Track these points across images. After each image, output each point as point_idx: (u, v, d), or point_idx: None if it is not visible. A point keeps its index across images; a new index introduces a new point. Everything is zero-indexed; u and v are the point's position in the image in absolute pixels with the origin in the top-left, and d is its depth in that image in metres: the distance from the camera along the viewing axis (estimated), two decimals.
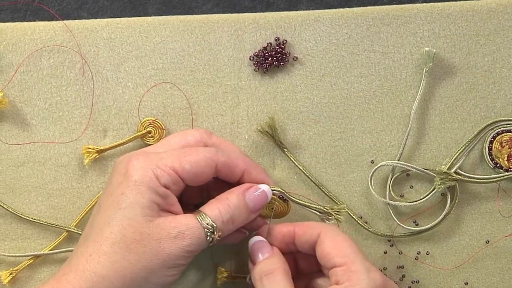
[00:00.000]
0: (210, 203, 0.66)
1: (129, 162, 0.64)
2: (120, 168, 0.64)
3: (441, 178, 0.73)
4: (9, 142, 0.76)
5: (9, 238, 0.76)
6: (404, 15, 0.75)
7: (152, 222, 0.62)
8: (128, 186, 0.62)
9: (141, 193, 0.62)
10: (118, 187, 0.63)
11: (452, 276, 0.76)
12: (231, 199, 0.66)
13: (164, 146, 0.69)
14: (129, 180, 0.62)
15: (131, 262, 0.60)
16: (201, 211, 0.65)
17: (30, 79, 0.75)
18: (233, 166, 0.67)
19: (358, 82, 0.75)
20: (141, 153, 0.65)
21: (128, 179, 0.63)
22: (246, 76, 0.75)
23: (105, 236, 0.61)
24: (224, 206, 0.65)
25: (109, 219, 0.62)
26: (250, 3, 0.77)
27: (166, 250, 0.61)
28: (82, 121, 0.76)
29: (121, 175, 0.63)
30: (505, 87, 0.74)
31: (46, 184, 0.76)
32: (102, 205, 0.64)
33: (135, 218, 0.61)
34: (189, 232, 0.62)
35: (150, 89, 0.75)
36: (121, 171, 0.64)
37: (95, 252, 0.61)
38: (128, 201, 0.62)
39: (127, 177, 0.63)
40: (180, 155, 0.65)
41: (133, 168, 0.63)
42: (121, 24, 0.75)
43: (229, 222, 0.65)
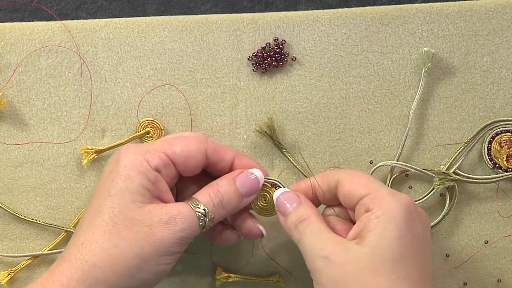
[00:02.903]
0: (201, 190, 0.66)
1: (120, 152, 0.64)
2: (112, 158, 0.64)
3: (440, 178, 0.73)
4: (7, 142, 0.76)
5: (7, 239, 0.76)
6: (403, 15, 0.75)
7: (142, 208, 0.61)
8: (118, 172, 0.62)
9: (130, 178, 0.61)
10: (109, 175, 0.63)
11: (451, 276, 0.76)
12: (221, 184, 0.65)
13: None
14: (119, 166, 0.62)
15: (123, 250, 0.60)
16: (192, 197, 0.64)
17: (29, 79, 0.75)
18: (222, 152, 0.66)
19: (356, 82, 0.75)
20: (133, 144, 0.66)
21: (118, 165, 0.62)
22: (245, 77, 0.75)
23: (97, 225, 0.61)
24: (214, 191, 0.65)
25: (100, 207, 0.61)
26: (249, 3, 0.76)
27: (158, 236, 0.61)
28: (81, 121, 0.75)
29: (113, 163, 0.63)
30: (504, 87, 0.74)
31: (44, 184, 0.76)
32: (94, 194, 0.64)
33: (125, 204, 0.61)
34: (181, 217, 0.62)
35: (149, 89, 0.75)
36: (113, 160, 0.64)
37: (87, 240, 0.60)
38: (118, 187, 0.61)
39: (117, 164, 0.62)
40: (171, 140, 0.65)
41: (124, 155, 0.63)
42: (120, 24, 0.75)
43: (220, 206, 0.64)
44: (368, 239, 0.58)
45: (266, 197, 0.70)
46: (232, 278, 0.76)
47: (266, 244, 0.76)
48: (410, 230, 0.59)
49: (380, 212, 0.59)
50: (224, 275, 0.75)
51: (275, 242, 0.76)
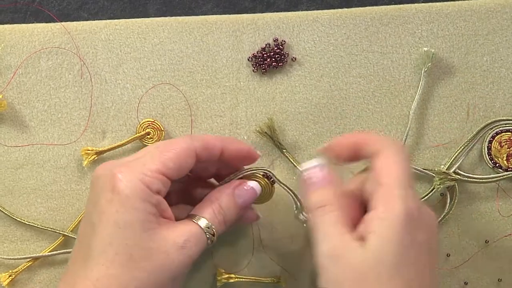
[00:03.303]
0: (202, 206, 0.65)
1: (113, 176, 0.60)
2: (104, 184, 0.61)
3: (440, 178, 0.73)
4: (7, 144, 0.75)
5: (8, 240, 0.76)
6: (403, 15, 0.75)
7: (155, 234, 0.60)
8: (121, 203, 0.59)
9: (136, 208, 0.59)
10: (109, 205, 0.60)
11: (451, 276, 0.76)
12: (221, 199, 0.65)
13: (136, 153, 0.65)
14: (121, 196, 0.60)
15: (142, 281, 0.59)
16: (196, 215, 0.64)
17: (29, 81, 0.75)
18: (210, 147, 0.65)
19: (356, 82, 0.75)
20: (120, 164, 0.62)
21: (120, 195, 0.60)
22: (245, 77, 0.75)
23: (111, 259, 0.58)
24: (217, 207, 0.64)
25: (110, 239, 0.59)
26: (250, 3, 0.77)
27: (175, 262, 0.60)
28: (81, 123, 0.75)
29: (109, 191, 0.60)
30: (504, 86, 0.75)
31: (45, 186, 0.76)
32: (96, 224, 0.60)
33: (138, 235, 0.59)
34: (194, 238, 0.61)
35: (149, 90, 0.75)
36: (107, 187, 0.61)
37: (103, 276, 0.58)
38: (126, 219, 0.59)
39: (117, 193, 0.60)
40: (160, 155, 0.62)
41: (121, 183, 0.60)
42: (120, 25, 0.75)
43: (222, 223, 0.65)
44: (369, 243, 0.57)
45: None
46: (233, 279, 0.76)
47: (266, 244, 0.76)
48: (410, 237, 0.57)
49: (383, 214, 0.58)
50: (225, 276, 0.75)
51: (276, 243, 0.76)
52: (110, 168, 0.61)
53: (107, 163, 0.63)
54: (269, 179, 0.70)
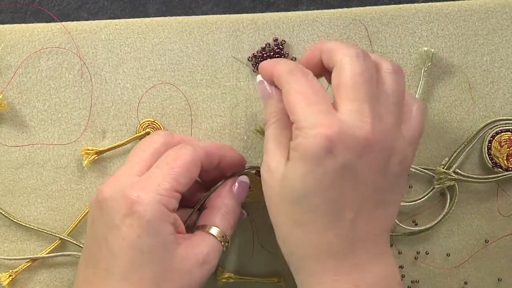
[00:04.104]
0: (211, 214, 0.65)
1: (129, 199, 0.59)
2: (119, 207, 0.59)
3: (440, 177, 0.73)
4: (8, 144, 0.76)
5: (8, 240, 0.76)
6: (402, 15, 0.75)
7: (177, 255, 0.59)
8: (142, 228, 0.58)
9: (158, 232, 0.58)
10: (130, 231, 0.58)
11: (451, 275, 0.76)
12: (228, 202, 0.65)
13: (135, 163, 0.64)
14: (141, 221, 0.58)
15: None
16: (207, 225, 0.64)
17: (29, 81, 0.75)
18: (211, 156, 0.65)
19: None
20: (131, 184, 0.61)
21: (140, 220, 0.58)
22: (245, 77, 0.75)
23: (136, 284, 0.58)
24: (224, 212, 0.64)
25: (133, 265, 0.58)
26: (250, 3, 0.77)
27: (197, 279, 0.60)
28: (81, 123, 0.76)
29: (126, 216, 0.59)
30: (504, 86, 0.75)
31: (45, 185, 0.76)
32: (116, 249, 0.59)
33: (161, 258, 0.59)
34: (213, 252, 0.62)
35: (149, 90, 0.75)
36: (123, 211, 0.59)
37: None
38: (149, 244, 0.58)
39: (137, 218, 0.58)
40: (170, 171, 0.61)
41: (139, 207, 0.58)
42: (120, 25, 0.75)
43: (232, 226, 0.65)
44: (287, 166, 0.58)
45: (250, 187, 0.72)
46: (233, 278, 0.76)
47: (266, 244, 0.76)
48: (320, 165, 0.56)
49: (300, 140, 0.56)
50: (226, 276, 0.75)
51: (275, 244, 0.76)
52: (121, 189, 0.60)
53: (112, 182, 0.62)
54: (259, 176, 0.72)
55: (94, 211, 0.62)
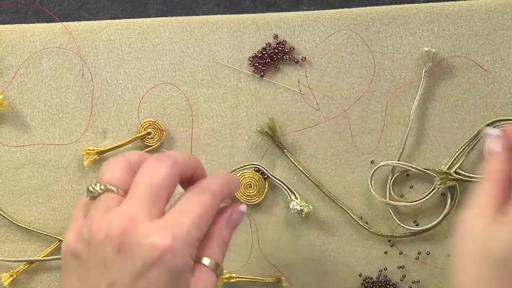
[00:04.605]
0: (209, 246, 0.61)
1: (161, 250, 0.55)
2: (150, 256, 0.55)
3: (441, 178, 0.73)
4: (9, 144, 0.76)
5: (9, 240, 0.76)
6: (403, 15, 0.75)
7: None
8: (171, 279, 0.56)
9: (182, 281, 0.57)
10: (158, 281, 0.56)
11: None
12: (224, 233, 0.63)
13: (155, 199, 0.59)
14: (172, 273, 0.55)
15: None
16: (208, 259, 0.61)
17: (30, 81, 0.75)
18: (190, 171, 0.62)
19: (357, 82, 0.75)
20: (161, 229, 0.56)
21: (171, 272, 0.55)
22: (246, 77, 0.75)
23: None
24: (223, 243, 0.62)
25: None
26: (251, 3, 0.77)
27: None
28: (82, 123, 0.76)
29: (158, 266, 0.55)
30: (505, 86, 0.74)
31: (46, 186, 0.76)
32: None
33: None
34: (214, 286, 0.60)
35: (150, 90, 0.75)
36: (152, 260, 0.55)
37: None
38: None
39: (168, 270, 0.55)
40: (197, 220, 0.57)
41: (173, 259, 0.55)
42: (120, 25, 0.75)
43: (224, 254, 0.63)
44: (496, 228, 0.57)
45: (251, 185, 0.74)
46: (233, 278, 0.76)
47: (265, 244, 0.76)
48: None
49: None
50: (226, 276, 0.75)
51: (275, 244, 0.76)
52: (151, 235, 0.56)
53: (136, 224, 0.57)
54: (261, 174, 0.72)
55: (104, 254, 0.57)
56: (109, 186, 0.58)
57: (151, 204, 0.57)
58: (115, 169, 0.59)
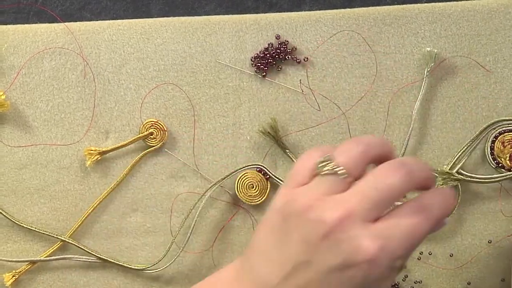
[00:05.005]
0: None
1: (362, 254, 0.54)
2: (349, 254, 0.55)
3: (443, 178, 0.73)
4: (11, 145, 0.76)
5: (11, 241, 0.76)
6: (405, 15, 0.75)
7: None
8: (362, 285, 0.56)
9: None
10: (349, 281, 0.55)
11: (454, 276, 0.76)
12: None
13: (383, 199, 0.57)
14: (366, 281, 0.55)
15: None
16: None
17: (32, 81, 0.75)
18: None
19: (359, 82, 0.75)
20: (374, 239, 0.55)
21: (365, 279, 0.55)
22: (248, 77, 0.76)
23: None
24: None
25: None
26: (253, 3, 0.77)
27: None
28: (84, 123, 0.76)
29: (353, 268, 0.55)
30: (507, 86, 0.74)
31: (48, 186, 0.76)
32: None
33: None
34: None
35: (152, 90, 0.75)
36: (350, 260, 0.55)
37: None
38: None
39: (362, 276, 0.55)
40: (407, 241, 0.56)
41: (372, 268, 0.55)
42: (123, 26, 0.75)
43: None
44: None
45: (253, 185, 0.74)
46: None
47: None
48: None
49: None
50: None
51: None
52: (362, 238, 0.55)
53: (351, 221, 0.56)
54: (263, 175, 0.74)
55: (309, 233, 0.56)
56: (340, 172, 0.56)
57: (372, 207, 0.55)
58: (355, 154, 0.57)
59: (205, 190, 0.75)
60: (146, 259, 0.76)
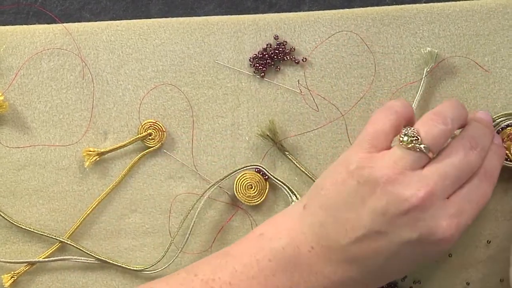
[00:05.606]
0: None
1: (440, 234, 0.56)
2: (427, 233, 0.56)
3: None
4: (9, 146, 0.76)
5: (10, 242, 0.76)
6: (404, 15, 0.75)
7: None
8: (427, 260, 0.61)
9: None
10: (419, 257, 0.59)
11: (454, 276, 0.76)
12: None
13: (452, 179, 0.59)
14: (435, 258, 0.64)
15: None
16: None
17: (30, 82, 0.75)
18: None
19: (358, 83, 0.75)
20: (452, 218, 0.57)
21: (435, 256, 0.61)
22: (246, 78, 0.76)
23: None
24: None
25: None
26: (252, 4, 0.77)
27: None
28: (83, 124, 0.76)
29: (428, 245, 0.57)
30: (505, 86, 0.75)
31: (46, 187, 0.76)
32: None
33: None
34: None
35: (150, 91, 0.75)
36: (427, 238, 0.57)
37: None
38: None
39: (437, 253, 0.59)
40: (476, 214, 0.60)
41: (447, 246, 0.58)
42: (121, 26, 0.75)
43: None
44: None
45: (252, 186, 0.74)
46: None
47: None
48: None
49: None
50: None
51: None
52: (441, 218, 0.57)
53: (433, 200, 0.57)
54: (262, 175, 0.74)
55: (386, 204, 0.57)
56: (425, 149, 0.57)
57: (450, 184, 0.57)
58: (439, 131, 0.59)
59: (204, 191, 0.75)
60: (144, 260, 0.76)
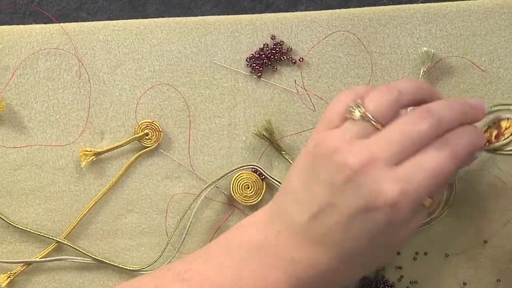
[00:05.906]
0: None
1: (383, 198, 0.55)
2: (370, 197, 0.56)
3: None
4: (6, 145, 0.75)
5: (6, 242, 0.76)
6: (401, 15, 0.75)
7: None
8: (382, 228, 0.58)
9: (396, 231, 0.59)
10: (370, 224, 0.57)
11: (450, 276, 0.76)
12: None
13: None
14: (386, 225, 0.57)
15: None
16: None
17: (27, 82, 0.75)
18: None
19: (355, 83, 0.75)
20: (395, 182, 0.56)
21: (386, 225, 0.57)
22: (243, 78, 0.76)
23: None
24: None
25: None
26: (249, 4, 0.77)
27: None
28: (79, 124, 0.75)
29: (374, 212, 0.56)
30: (502, 87, 0.75)
31: (43, 187, 0.76)
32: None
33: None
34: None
35: (147, 91, 0.75)
36: (371, 204, 0.56)
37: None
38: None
39: (383, 221, 0.56)
40: (430, 181, 0.57)
41: (392, 213, 0.56)
42: (118, 26, 0.75)
43: None
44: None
45: (249, 186, 0.74)
46: None
47: None
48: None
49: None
50: None
51: None
52: (383, 182, 0.56)
53: (374, 165, 0.56)
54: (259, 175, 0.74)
55: (333, 175, 0.57)
56: (369, 116, 0.57)
57: (396, 151, 0.56)
58: (385, 101, 0.58)
59: (201, 191, 0.75)
60: (141, 260, 0.76)
